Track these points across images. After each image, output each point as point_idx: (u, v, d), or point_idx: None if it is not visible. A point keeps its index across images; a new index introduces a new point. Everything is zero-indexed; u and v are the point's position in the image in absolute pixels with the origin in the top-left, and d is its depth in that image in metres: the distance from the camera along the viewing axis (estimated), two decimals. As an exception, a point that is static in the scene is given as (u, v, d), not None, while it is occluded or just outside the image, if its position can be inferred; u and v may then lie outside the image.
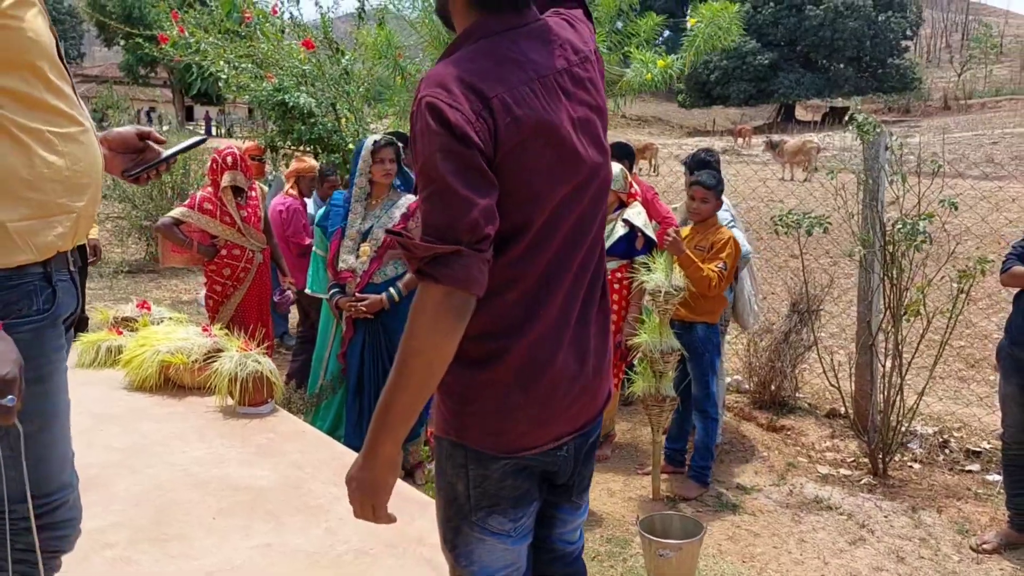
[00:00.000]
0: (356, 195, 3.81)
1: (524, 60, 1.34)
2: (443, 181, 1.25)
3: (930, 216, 3.92)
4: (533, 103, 1.32)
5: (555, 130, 1.34)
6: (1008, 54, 65.46)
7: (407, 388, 1.32)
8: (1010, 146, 25.37)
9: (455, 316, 1.28)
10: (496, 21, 1.37)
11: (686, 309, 4.00)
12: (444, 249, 1.25)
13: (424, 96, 1.28)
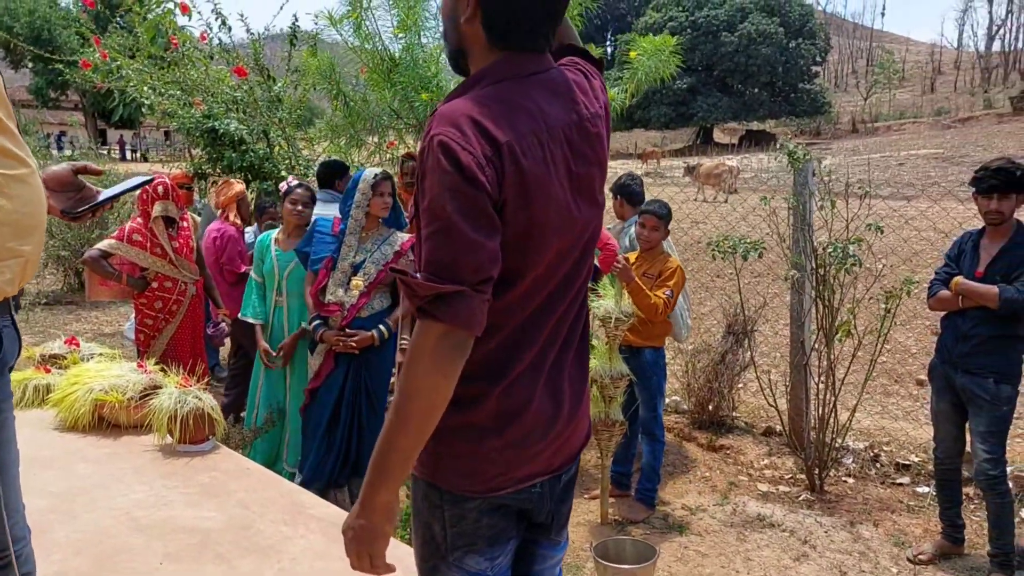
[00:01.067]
0: (351, 228, 3.68)
1: (536, 110, 1.34)
2: (450, 220, 1.25)
3: (859, 240, 4.09)
4: (538, 154, 1.32)
5: (554, 185, 1.35)
6: (910, 79, 69.16)
7: (407, 431, 1.30)
8: (915, 167, 26.68)
9: (455, 356, 1.28)
10: (514, 64, 1.37)
11: (634, 334, 4.07)
12: (448, 289, 1.24)
13: (437, 134, 1.27)
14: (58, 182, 1.82)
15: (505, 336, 1.39)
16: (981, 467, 3.41)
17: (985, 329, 3.38)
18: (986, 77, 61.96)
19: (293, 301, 4.12)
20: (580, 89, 1.44)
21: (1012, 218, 3.43)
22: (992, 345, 3.39)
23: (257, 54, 6.08)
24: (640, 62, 4.62)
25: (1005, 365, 3.39)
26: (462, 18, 1.38)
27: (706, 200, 17.76)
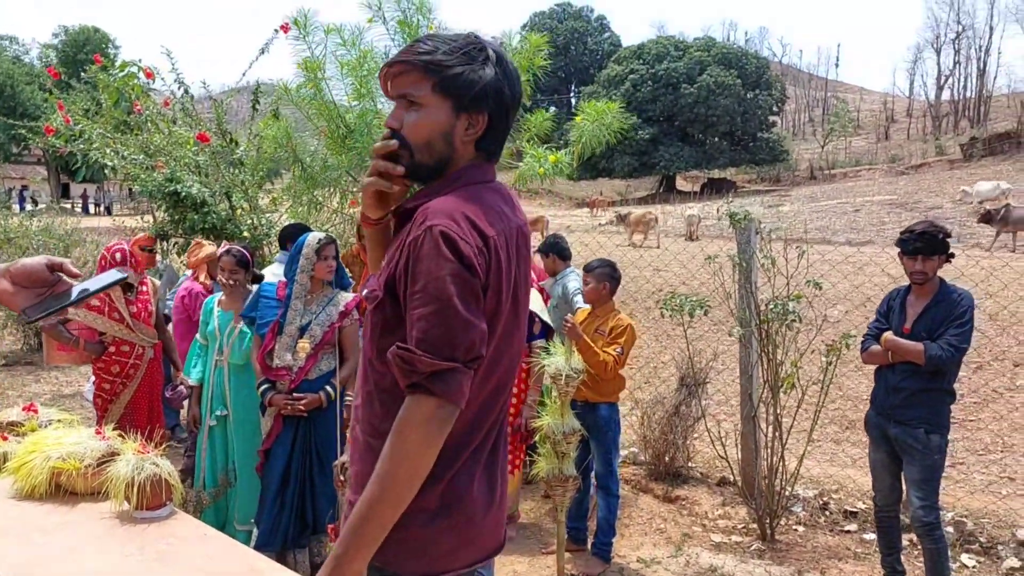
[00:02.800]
0: (297, 292, 3.78)
1: (500, 211, 1.54)
2: (450, 302, 1.39)
3: (798, 297, 4.27)
4: (505, 251, 1.50)
5: (513, 279, 1.53)
6: (864, 127, 71.26)
7: (388, 500, 1.38)
8: (870, 213, 27.40)
9: (444, 429, 1.40)
10: (482, 171, 1.58)
11: (589, 390, 4.19)
12: (444, 365, 1.37)
13: (436, 225, 1.42)
14: (28, 277, 1.58)
15: (464, 419, 1.48)
16: (916, 514, 3.56)
17: (913, 382, 3.56)
18: (937, 125, 64.07)
19: (234, 361, 4.18)
20: (515, 199, 1.66)
21: (936, 276, 3.64)
22: (921, 398, 3.56)
23: (220, 119, 6.21)
24: (584, 126, 4.83)
25: (934, 416, 3.56)
26: (460, 138, 1.54)
27: (635, 245, 18.84)
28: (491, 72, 1.53)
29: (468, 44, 1.54)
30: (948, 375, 3.56)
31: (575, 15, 65.19)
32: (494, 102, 1.53)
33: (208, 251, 5.49)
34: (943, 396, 3.59)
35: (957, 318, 3.49)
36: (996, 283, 8.71)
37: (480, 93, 1.51)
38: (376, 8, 5.23)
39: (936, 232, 3.59)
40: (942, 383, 3.56)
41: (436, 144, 1.54)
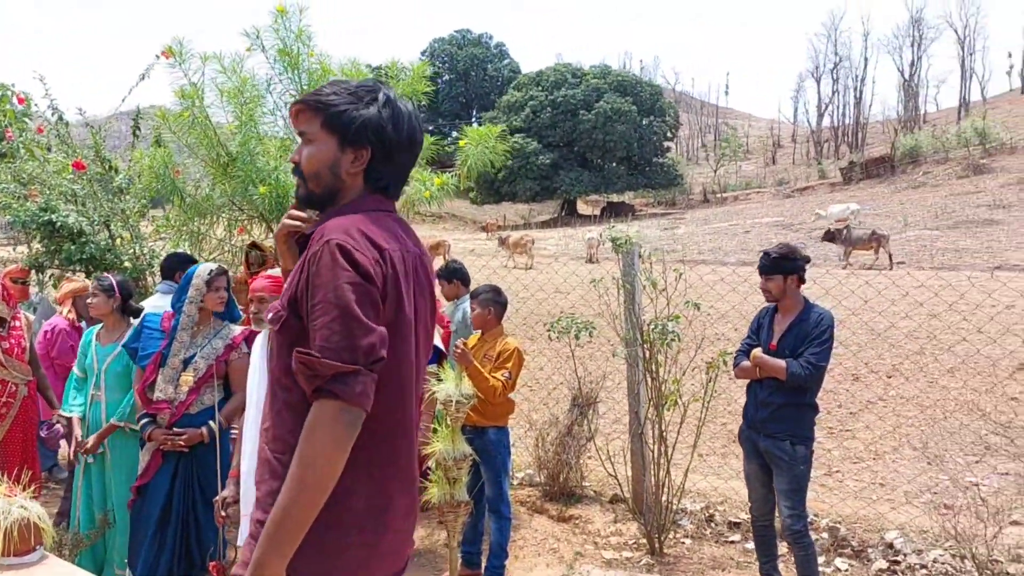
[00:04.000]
0: (184, 323, 3.65)
1: (397, 235, 1.66)
2: (348, 308, 1.46)
3: (676, 318, 4.45)
4: (401, 268, 1.60)
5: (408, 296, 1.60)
6: (753, 152, 74.57)
7: (300, 502, 1.42)
8: (759, 234, 28.69)
9: (350, 431, 1.45)
10: (375, 200, 1.70)
11: (477, 414, 4.22)
12: (345, 368, 1.43)
13: (333, 239, 1.52)
14: None
15: (380, 429, 1.56)
16: (786, 523, 3.75)
17: (779, 397, 3.77)
18: (819, 150, 67.71)
19: (111, 395, 4.04)
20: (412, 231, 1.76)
21: (798, 296, 3.86)
22: (786, 411, 3.77)
23: (98, 146, 6.01)
24: (469, 150, 4.92)
25: (799, 428, 3.77)
26: (347, 170, 1.67)
27: (516, 267, 20.02)
28: (374, 111, 1.66)
29: (359, 87, 1.70)
30: (811, 390, 3.77)
31: (475, 42, 65.94)
32: (375, 137, 1.65)
33: (74, 286, 5.30)
34: (806, 410, 3.80)
35: (817, 337, 3.70)
36: (880, 299, 9.29)
37: (360, 128, 1.64)
38: (255, 37, 5.20)
39: (781, 254, 3.83)
40: (805, 398, 3.77)
41: (324, 175, 1.68)
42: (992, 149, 40.82)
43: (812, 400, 3.81)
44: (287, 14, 5.20)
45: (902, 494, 5.33)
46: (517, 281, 9.53)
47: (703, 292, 5.15)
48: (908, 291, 8.55)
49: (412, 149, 1.74)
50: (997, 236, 21.50)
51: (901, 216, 28.47)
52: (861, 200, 37.05)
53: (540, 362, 8.32)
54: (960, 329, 8.74)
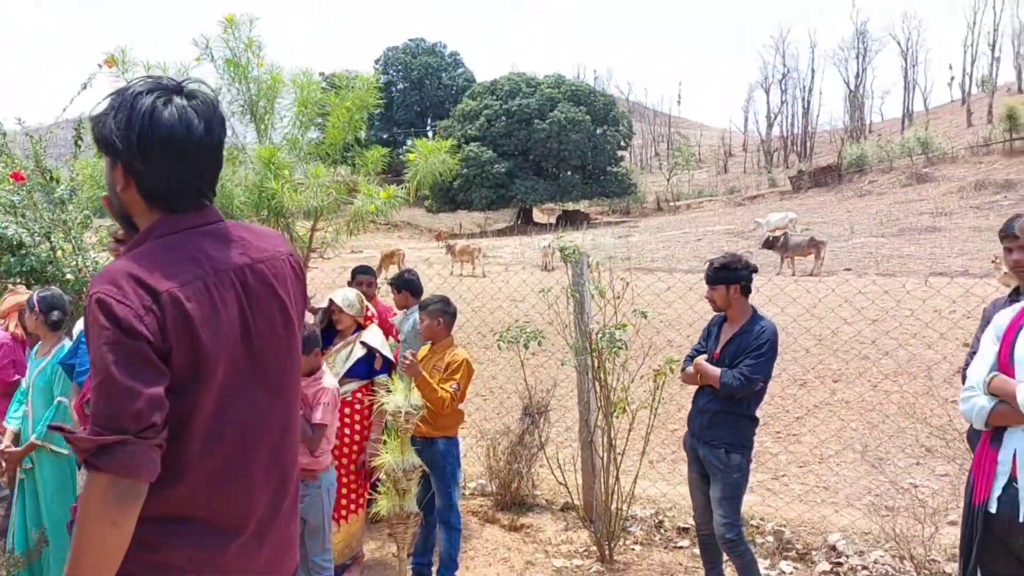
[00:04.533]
0: None
1: (202, 256, 1.46)
2: (107, 372, 1.33)
3: (624, 326, 4.50)
4: (204, 297, 1.42)
5: (225, 324, 1.45)
6: (705, 161, 75.76)
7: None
8: (711, 242, 29.13)
9: (124, 504, 1.31)
10: (178, 220, 1.50)
11: (426, 425, 4.22)
12: (108, 440, 1.31)
13: (95, 293, 1.37)
14: None
15: (198, 478, 1.43)
16: (719, 531, 3.80)
17: (716, 404, 3.82)
18: (769, 159, 69.06)
19: (36, 410, 3.96)
20: (245, 236, 1.58)
21: (743, 305, 3.89)
22: (723, 419, 3.81)
23: (38, 156, 5.86)
24: (419, 163, 4.94)
25: (735, 437, 3.79)
26: (120, 189, 1.50)
27: (462, 274, 20.38)
28: (110, 120, 1.48)
29: (116, 95, 1.50)
30: (747, 402, 3.79)
31: (429, 51, 65.95)
32: (119, 148, 1.46)
33: (18, 299, 5.17)
34: (743, 419, 3.82)
35: (755, 349, 3.72)
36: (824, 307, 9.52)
37: (104, 144, 1.49)
38: (204, 46, 5.15)
39: (723, 264, 3.90)
40: (741, 408, 3.79)
41: (112, 200, 1.56)
42: (934, 158, 42.07)
43: (749, 411, 3.82)
44: (236, 24, 5.17)
45: (844, 497, 5.45)
46: (469, 290, 9.55)
47: (652, 300, 5.24)
48: (848, 298, 8.77)
49: (176, 149, 1.46)
50: (939, 243, 22.15)
51: (848, 224, 29.16)
52: (810, 208, 37.90)
53: (493, 371, 8.33)
54: (903, 334, 8.99)
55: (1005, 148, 39.82)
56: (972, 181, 34.31)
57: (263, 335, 1.53)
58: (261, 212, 5.08)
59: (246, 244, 1.56)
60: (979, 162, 39.36)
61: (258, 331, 1.52)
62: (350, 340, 4.58)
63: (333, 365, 4.41)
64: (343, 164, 5.48)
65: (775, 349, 3.78)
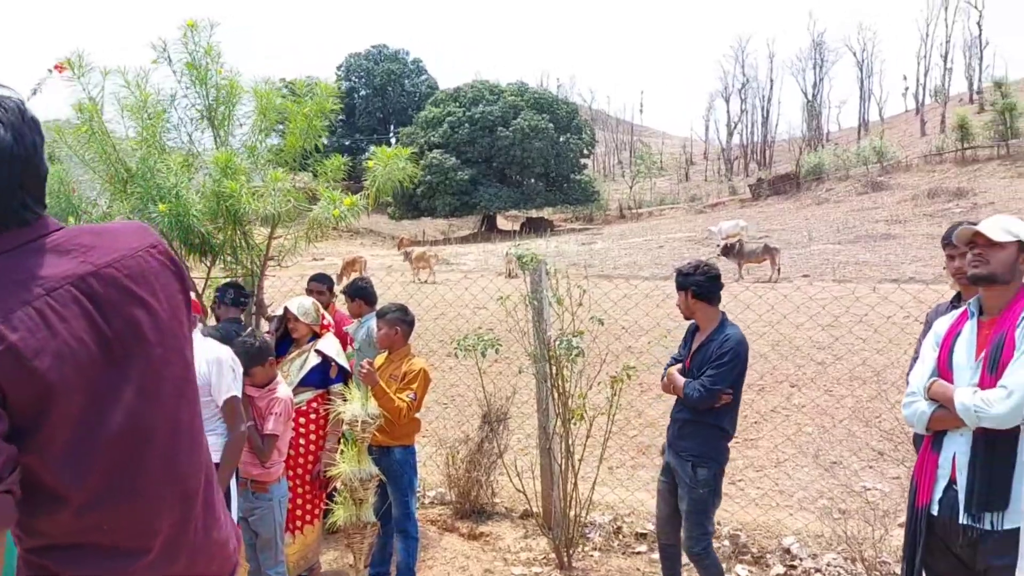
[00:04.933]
0: None
1: (30, 278, 1.31)
2: None
3: (580, 333, 4.53)
4: (36, 322, 1.29)
5: (72, 343, 1.33)
6: (667, 169, 76.57)
7: None
8: (672, 249, 29.44)
9: None
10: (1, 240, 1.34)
11: (383, 434, 4.19)
12: None
13: None
14: None
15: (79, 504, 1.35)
16: (686, 544, 3.80)
17: (685, 414, 3.79)
18: (729, 167, 70.04)
19: None
20: (90, 241, 1.43)
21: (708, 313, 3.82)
22: (691, 429, 3.76)
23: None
24: (378, 170, 4.93)
25: (702, 450, 3.74)
26: None
27: (418, 280, 20.67)
28: None
29: None
30: (716, 413, 3.71)
31: (391, 57, 65.80)
32: None
33: None
34: (711, 430, 3.74)
35: (717, 359, 3.67)
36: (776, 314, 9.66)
37: None
38: (162, 50, 5.10)
39: (680, 270, 3.92)
40: (709, 419, 3.72)
41: None
42: (889, 167, 43.03)
43: (719, 423, 3.74)
44: (197, 28, 5.13)
45: (799, 501, 5.55)
46: (427, 298, 9.54)
47: (612, 307, 5.27)
48: (801, 304, 8.92)
49: None
50: (894, 250, 22.65)
51: (806, 231, 29.68)
52: (769, 215, 38.50)
53: (453, 379, 8.32)
54: (856, 340, 9.17)
55: (957, 157, 40.87)
56: (925, 189, 35.14)
57: (126, 341, 1.41)
58: (218, 219, 5.03)
59: (88, 250, 1.41)
60: (932, 171, 40.34)
61: (118, 338, 1.40)
62: (305, 349, 4.55)
63: (288, 374, 4.38)
64: (304, 171, 5.46)
65: (738, 359, 3.69)
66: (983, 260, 2.64)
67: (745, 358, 3.73)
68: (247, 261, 5.33)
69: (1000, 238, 2.62)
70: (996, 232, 2.63)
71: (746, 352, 3.73)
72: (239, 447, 3.36)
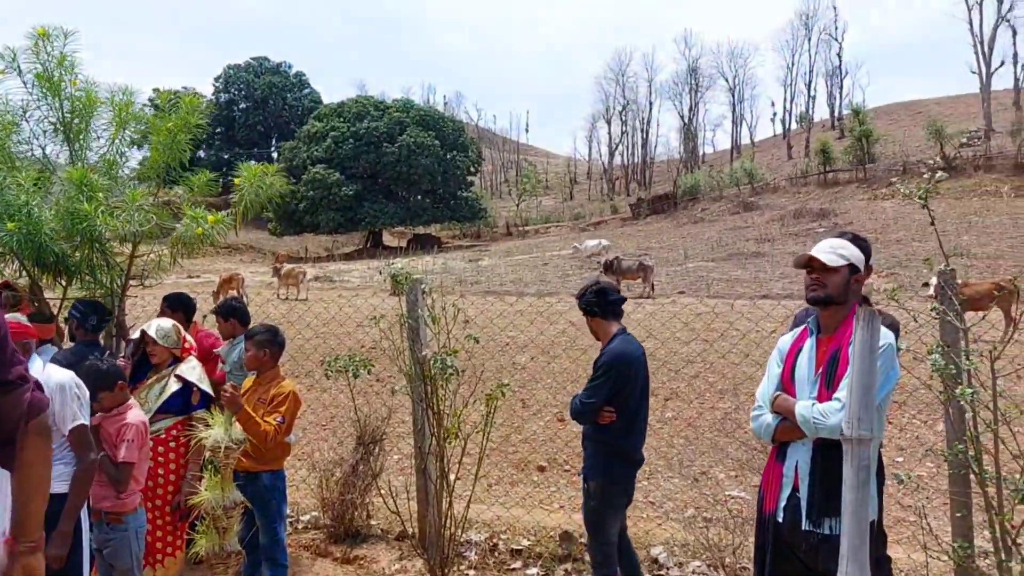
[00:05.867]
0: None
1: None
2: None
3: (455, 352, 4.55)
4: None
5: None
6: (553, 188, 77.99)
7: None
8: (557, 267, 29.94)
9: None
10: None
11: (249, 459, 4.07)
12: None
13: None
14: None
15: None
16: (588, 555, 3.91)
17: (584, 430, 3.96)
18: (611, 187, 72.05)
19: None
20: None
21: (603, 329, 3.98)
22: (585, 443, 3.93)
23: None
24: (245, 191, 4.81)
25: (591, 463, 3.89)
26: None
27: (288, 298, 20.81)
28: None
29: None
30: (602, 428, 3.83)
31: (273, 70, 64.29)
32: None
33: None
34: (599, 446, 3.87)
35: (593, 374, 3.85)
36: (651, 327, 9.98)
37: None
38: (11, 59, 4.82)
39: (576, 295, 4.05)
40: (598, 434, 3.85)
41: None
42: (759, 188, 45.37)
43: (607, 438, 3.84)
44: (49, 38, 4.87)
45: (667, 511, 5.73)
46: (302, 317, 9.35)
47: (498, 323, 5.32)
48: (672, 317, 9.25)
49: None
50: (763, 267, 23.83)
51: (683, 249, 30.85)
52: (648, 234, 39.80)
53: (328, 400, 8.18)
54: (729, 352, 9.59)
55: (820, 180, 43.55)
56: (791, 210, 37.21)
57: None
58: (73, 238, 4.77)
59: None
60: (798, 192, 42.81)
61: None
62: (164, 374, 4.36)
63: (145, 401, 4.18)
64: (174, 186, 5.26)
65: (610, 374, 3.77)
66: (820, 284, 2.85)
67: (623, 372, 3.79)
68: (106, 280, 5.08)
69: (833, 263, 2.82)
70: (829, 257, 2.83)
71: (625, 366, 3.79)
72: (89, 477, 3.18)
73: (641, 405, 3.91)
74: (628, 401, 3.82)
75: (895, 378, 2.73)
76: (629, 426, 3.86)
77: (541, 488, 6.51)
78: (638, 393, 3.85)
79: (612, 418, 3.79)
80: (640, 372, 3.87)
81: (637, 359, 3.85)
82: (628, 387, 3.81)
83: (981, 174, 36.83)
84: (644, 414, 3.97)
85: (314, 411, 8.33)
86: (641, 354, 3.93)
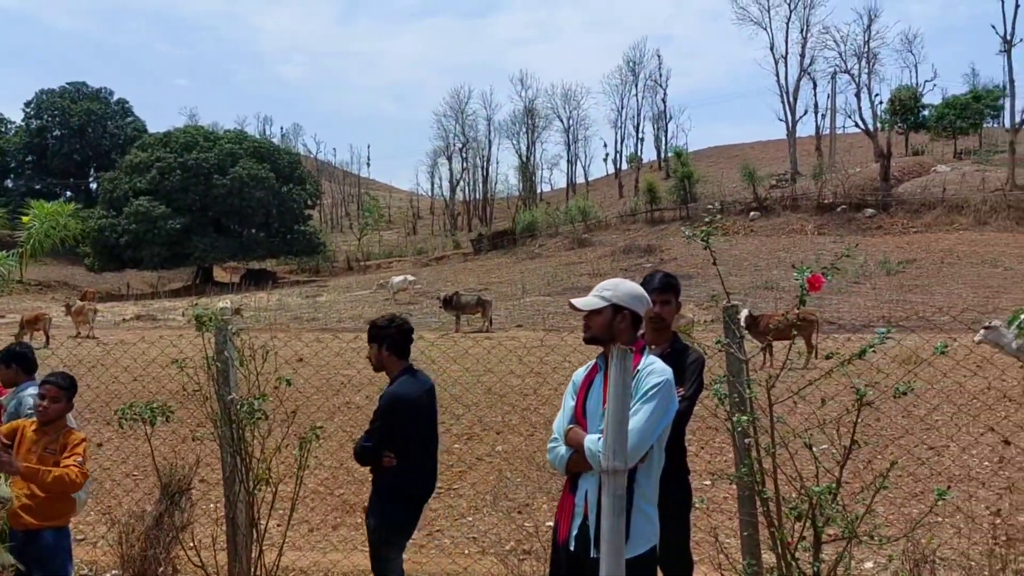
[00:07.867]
0: None
1: None
2: None
3: (264, 396, 4.40)
4: None
5: None
6: (395, 222, 77.73)
7: None
8: (398, 302, 29.78)
9: None
10: None
11: (31, 515, 3.76)
12: None
13: None
14: None
15: None
16: None
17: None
18: (453, 222, 72.71)
19: None
20: None
21: (396, 364, 4.05)
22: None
23: None
24: (35, 230, 4.49)
25: (371, 500, 4.03)
26: None
27: (79, 335, 20.01)
28: None
29: None
30: (383, 470, 4.00)
31: (92, 96, 60.42)
32: None
33: None
34: (377, 484, 4.07)
35: (372, 416, 4.04)
36: (493, 360, 10.12)
37: None
38: None
39: (376, 323, 4.07)
40: (377, 472, 4.05)
41: None
42: (592, 225, 47.32)
43: (385, 480, 4.02)
44: None
45: (486, 546, 5.77)
46: (102, 360, 8.77)
47: (324, 363, 5.17)
48: (503, 356, 9.41)
49: None
50: (594, 301, 24.77)
51: (521, 283, 31.58)
52: (489, 269, 40.46)
53: (130, 449, 7.67)
54: (557, 385, 9.85)
55: (647, 217, 46.04)
56: (621, 246, 39.08)
57: None
58: None
59: None
60: (627, 229, 45.05)
61: None
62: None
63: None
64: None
65: (385, 418, 3.91)
66: (587, 326, 3.06)
67: (398, 413, 3.91)
68: None
69: (592, 306, 3.03)
70: (587, 302, 3.05)
71: (402, 409, 3.90)
72: None
73: (424, 444, 4.04)
74: (408, 443, 3.93)
75: (672, 411, 2.90)
76: (406, 465, 3.96)
77: (363, 530, 6.37)
78: (418, 433, 3.98)
79: (392, 462, 3.91)
80: (420, 413, 3.98)
81: (414, 401, 3.95)
82: (406, 428, 3.92)
83: (788, 213, 40.32)
84: (430, 451, 4.10)
85: (114, 462, 7.76)
86: (423, 393, 4.04)
